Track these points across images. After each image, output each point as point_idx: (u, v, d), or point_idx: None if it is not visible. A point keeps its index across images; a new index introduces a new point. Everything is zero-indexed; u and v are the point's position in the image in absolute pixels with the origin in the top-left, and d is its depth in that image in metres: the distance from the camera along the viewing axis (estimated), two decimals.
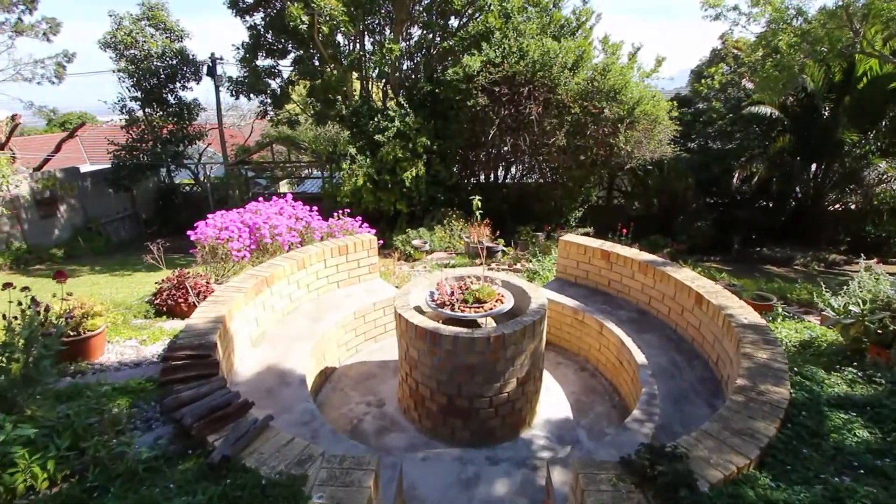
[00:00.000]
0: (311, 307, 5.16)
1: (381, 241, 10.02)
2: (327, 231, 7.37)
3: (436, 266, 8.61)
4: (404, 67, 14.00)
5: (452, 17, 13.36)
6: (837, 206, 13.35)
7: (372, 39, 12.76)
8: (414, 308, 4.18)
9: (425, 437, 4.00)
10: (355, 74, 13.12)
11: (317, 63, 11.86)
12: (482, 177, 14.51)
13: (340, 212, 7.75)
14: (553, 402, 4.47)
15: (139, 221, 15.26)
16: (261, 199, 6.86)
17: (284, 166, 17.50)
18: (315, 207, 7.32)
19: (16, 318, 2.59)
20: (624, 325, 4.69)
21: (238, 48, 11.73)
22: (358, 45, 12.45)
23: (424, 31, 12.91)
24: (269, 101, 12.64)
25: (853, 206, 13.23)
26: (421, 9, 12.55)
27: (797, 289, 5.31)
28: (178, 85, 13.72)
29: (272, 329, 4.69)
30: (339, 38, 12.74)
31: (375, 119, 11.56)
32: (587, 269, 5.56)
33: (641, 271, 4.96)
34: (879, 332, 3.43)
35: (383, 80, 13.38)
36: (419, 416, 4.05)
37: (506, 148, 11.64)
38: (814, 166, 12.73)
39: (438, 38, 12.79)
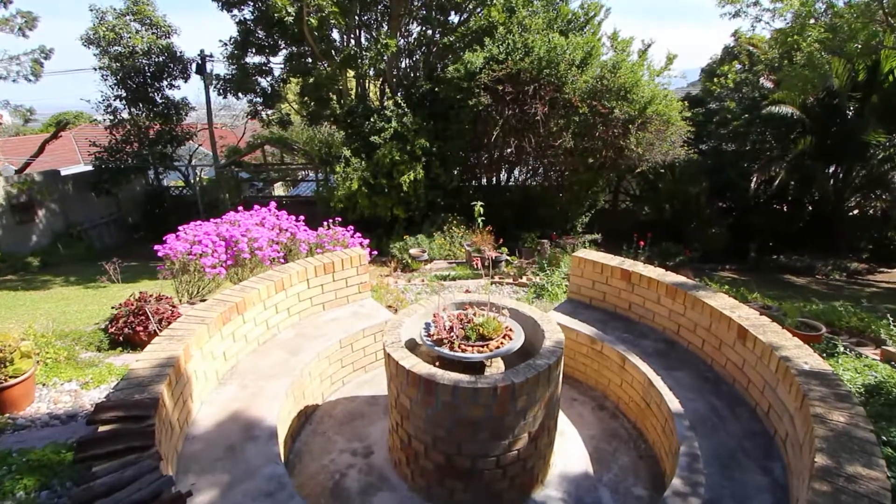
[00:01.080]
0: (291, 335, 4.53)
1: (377, 251, 9.42)
2: (316, 242, 6.74)
3: (434, 279, 7.98)
4: (402, 66, 13.36)
5: (453, 13, 12.73)
6: (856, 211, 12.70)
7: (368, 36, 12.13)
8: (406, 343, 3.55)
9: (419, 498, 3.37)
10: (351, 73, 12.49)
11: (309, 60, 11.22)
12: (484, 180, 13.87)
13: (331, 220, 7.13)
14: (569, 449, 3.83)
15: (126, 226, 14.62)
16: (240, 208, 6.23)
17: (277, 168, 16.85)
18: (302, 217, 6.71)
19: None
20: (650, 359, 4.06)
21: (225, 44, 11.09)
22: (353, 41, 11.81)
23: (423, 28, 12.27)
24: (259, 99, 12.00)
25: (871, 212, 12.59)
26: (419, 3, 11.92)
27: (844, 314, 4.67)
28: (164, 83, 13.08)
29: (244, 363, 4.06)
30: (335, 35, 12.12)
31: (371, 119, 10.94)
32: (604, 291, 4.92)
33: (669, 295, 4.31)
34: None
35: (380, 80, 12.75)
36: (412, 472, 3.42)
37: (509, 150, 11.01)
38: (831, 169, 12.09)
39: (438, 35, 12.15)
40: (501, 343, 3.34)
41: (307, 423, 4.17)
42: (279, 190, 19.84)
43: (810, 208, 12.68)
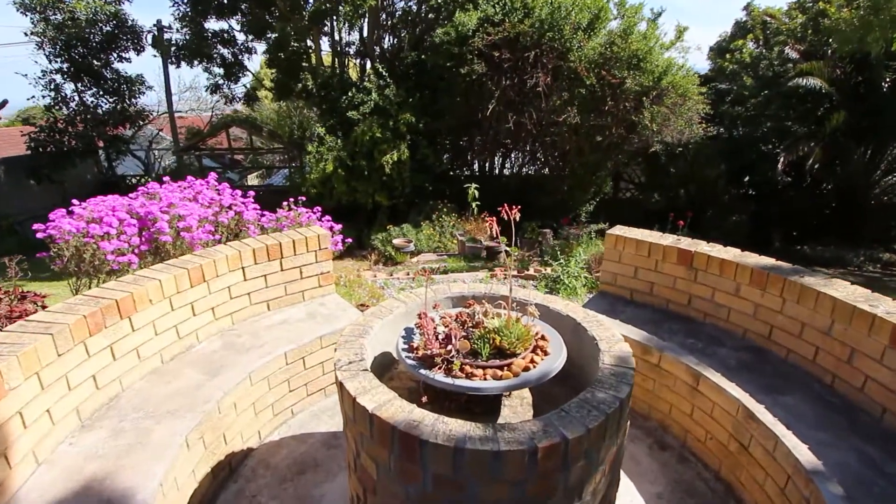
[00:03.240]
0: (215, 347, 3.15)
1: (353, 240, 8.02)
2: (274, 226, 5.37)
3: (422, 272, 6.62)
4: (385, 45, 11.96)
5: None
6: (885, 197, 11.66)
7: None
8: (375, 361, 2.23)
9: None
10: (327, 48, 11.08)
11: (277, 18, 9.73)
12: (476, 166, 12.57)
13: (293, 199, 5.75)
14: None
15: None
16: (166, 178, 4.83)
17: (244, 151, 15.09)
18: (251, 194, 5.32)
19: None
20: (735, 376, 2.77)
21: (177, 3, 9.56)
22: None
23: (408, 3, 10.90)
24: (220, 70, 10.49)
25: None
26: None
27: None
28: (113, 55, 11.46)
29: (132, 392, 2.68)
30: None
31: (349, 93, 9.54)
32: (652, 280, 3.63)
33: (755, 284, 3.02)
34: None
35: (360, 58, 11.34)
36: None
37: (508, 125, 9.68)
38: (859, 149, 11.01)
39: (425, 9, 10.79)
40: (532, 362, 2.00)
41: (230, 479, 2.79)
42: (254, 181, 18.37)
43: (835, 194, 11.60)
